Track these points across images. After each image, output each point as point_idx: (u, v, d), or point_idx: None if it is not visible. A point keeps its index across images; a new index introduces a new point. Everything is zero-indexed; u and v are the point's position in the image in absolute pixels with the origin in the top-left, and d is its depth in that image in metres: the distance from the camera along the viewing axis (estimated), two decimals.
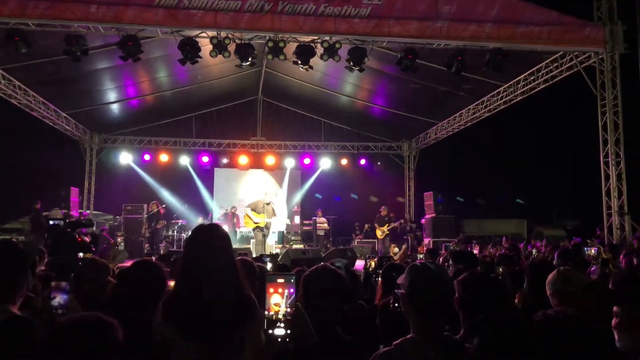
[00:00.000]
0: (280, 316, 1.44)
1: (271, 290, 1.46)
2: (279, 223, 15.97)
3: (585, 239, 10.20)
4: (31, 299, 2.70)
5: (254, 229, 12.52)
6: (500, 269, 3.70)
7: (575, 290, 2.85)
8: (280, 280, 1.47)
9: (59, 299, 2.26)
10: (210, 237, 2.40)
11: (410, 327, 2.04)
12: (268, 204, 12.26)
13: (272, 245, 14.26)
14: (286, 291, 1.46)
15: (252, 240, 13.12)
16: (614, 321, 2.17)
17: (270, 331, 1.44)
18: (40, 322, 2.26)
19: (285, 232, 16.67)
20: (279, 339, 1.44)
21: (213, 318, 2.17)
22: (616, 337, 2.15)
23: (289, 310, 1.44)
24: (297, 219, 18.05)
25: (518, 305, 3.11)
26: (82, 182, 17.09)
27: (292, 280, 1.47)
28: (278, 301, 1.46)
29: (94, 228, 13.46)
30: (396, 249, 11.78)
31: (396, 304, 2.15)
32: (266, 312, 1.45)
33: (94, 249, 2.79)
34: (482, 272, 3.87)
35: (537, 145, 22.52)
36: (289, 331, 1.44)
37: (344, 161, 18.36)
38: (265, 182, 17.86)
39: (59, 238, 2.78)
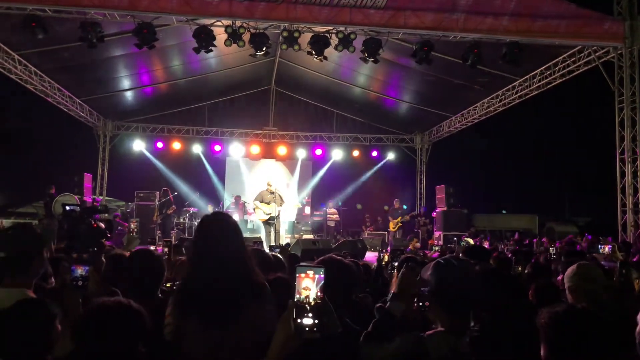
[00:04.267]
0: (311, 300, 1.50)
1: (302, 275, 1.52)
2: (289, 213, 15.99)
3: (598, 236, 10.11)
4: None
5: (264, 222, 12.52)
6: (519, 268, 3.70)
7: (592, 289, 2.80)
8: (310, 272, 1.53)
9: (79, 271, 2.32)
10: (220, 225, 2.41)
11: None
12: (273, 193, 12.24)
13: (283, 235, 14.29)
14: (316, 276, 1.52)
15: (262, 230, 13.15)
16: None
17: (299, 320, 1.49)
18: (56, 305, 2.29)
19: (295, 222, 16.70)
20: (307, 328, 1.49)
21: (227, 305, 2.19)
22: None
23: (319, 294, 1.50)
24: (307, 210, 18.06)
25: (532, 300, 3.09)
26: (95, 168, 17.22)
27: (322, 272, 1.53)
28: (308, 285, 1.52)
29: (106, 215, 13.56)
30: (418, 244, 11.72)
31: (420, 303, 2.15)
32: (296, 296, 1.51)
33: (109, 235, 2.84)
34: (495, 267, 3.87)
35: (551, 141, 22.34)
36: (316, 321, 1.49)
37: (356, 152, 18.34)
38: (277, 172, 17.89)
39: (75, 223, 2.82)
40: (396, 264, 3.32)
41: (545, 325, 1.82)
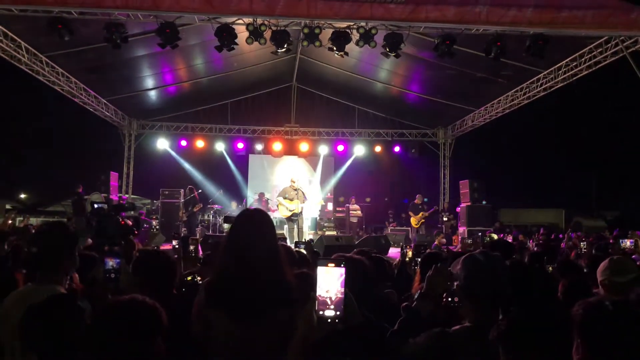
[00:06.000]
0: (333, 295, 1.52)
1: (324, 272, 1.53)
2: (312, 209, 16.04)
3: (626, 230, 9.88)
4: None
5: (287, 219, 12.60)
6: (551, 268, 3.66)
7: (624, 282, 2.76)
8: (331, 265, 1.54)
9: (111, 263, 2.37)
10: (257, 222, 2.42)
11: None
12: (296, 189, 12.30)
13: (306, 231, 14.34)
14: (338, 274, 1.54)
15: (285, 227, 13.22)
16: None
17: (321, 312, 1.52)
18: (85, 301, 2.35)
19: (318, 218, 16.73)
20: (329, 320, 1.51)
21: (259, 301, 2.20)
22: None
23: (340, 289, 1.52)
24: (330, 206, 18.09)
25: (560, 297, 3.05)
26: (121, 166, 17.52)
27: (343, 265, 1.54)
28: (331, 282, 1.54)
29: (132, 212, 13.79)
30: (444, 240, 11.61)
31: (449, 299, 2.14)
32: (318, 294, 1.53)
33: (136, 232, 2.90)
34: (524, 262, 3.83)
35: (577, 134, 21.92)
36: (338, 312, 1.51)
37: (378, 148, 18.25)
38: (299, 169, 17.93)
39: (103, 221, 2.87)
40: (419, 259, 3.31)
41: (577, 316, 1.80)
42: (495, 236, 12.08)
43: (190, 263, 3.71)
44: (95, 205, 2.93)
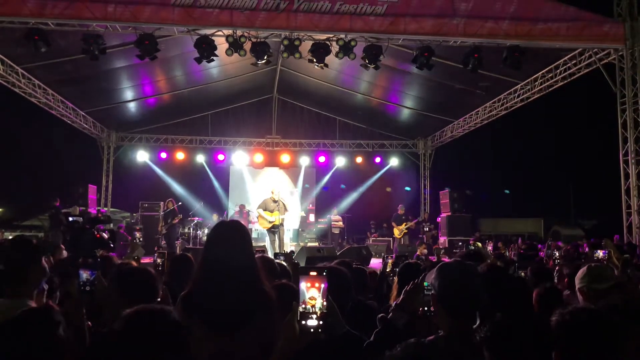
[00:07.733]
0: (317, 310, 1.51)
1: (308, 284, 1.53)
2: (293, 220, 15.98)
3: (600, 239, 10.01)
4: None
5: (268, 230, 12.54)
6: (523, 274, 3.72)
7: (602, 289, 2.80)
8: (313, 274, 1.54)
9: (85, 275, 2.33)
10: (233, 233, 2.42)
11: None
12: (276, 201, 12.26)
13: (287, 243, 14.28)
14: (322, 285, 1.53)
15: (266, 238, 13.15)
16: None
17: (303, 322, 1.51)
18: (64, 318, 2.29)
19: (299, 229, 16.69)
20: (312, 330, 1.50)
21: (237, 312, 2.19)
22: None
23: (325, 303, 1.52)
24: (311, 217, 18.06)
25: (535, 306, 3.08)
26: (100, 179, 17.29)
27: (324, 273, 1.54)
28: (314, 295, 1.53)
29: (111, 225, 13.61)
30: (425, 250, 11.64)
31: (425, 308, 2.14)
32: (302, 306, 1.52)
33: (112, 246, 2.85)
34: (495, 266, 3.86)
35: (555, 144, 22.31)
36: (321, 322, 1.50)
37: (359, 159, 18.34)
38: (280, 180, 17.89)
39: (78, 234, 2.83)
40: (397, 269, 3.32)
41: (554, 324, 1.83)
42: (480, 244, 12.16)
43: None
44: (70, 219, 2.89)
